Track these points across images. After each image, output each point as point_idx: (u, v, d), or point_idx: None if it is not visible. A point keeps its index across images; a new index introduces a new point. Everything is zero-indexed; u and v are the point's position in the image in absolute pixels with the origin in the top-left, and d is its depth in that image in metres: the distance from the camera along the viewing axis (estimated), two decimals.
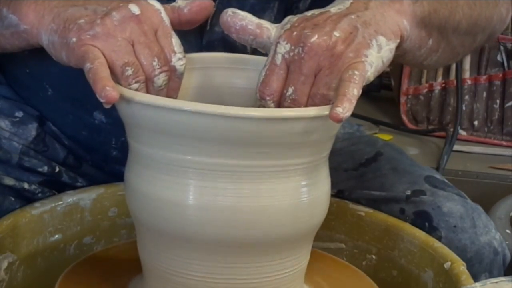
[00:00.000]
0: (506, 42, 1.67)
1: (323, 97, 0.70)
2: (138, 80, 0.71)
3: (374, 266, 0.90)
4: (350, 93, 0.69)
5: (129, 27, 0.71)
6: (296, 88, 0.70)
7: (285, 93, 0.71)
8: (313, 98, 0.71)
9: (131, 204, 0.74)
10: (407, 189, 0.92)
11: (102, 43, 0.71)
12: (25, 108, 0.92)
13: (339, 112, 0.67)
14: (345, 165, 0.98)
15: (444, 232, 0.88)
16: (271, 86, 0.71)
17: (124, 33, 0.71)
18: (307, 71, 0.70)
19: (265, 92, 0.71)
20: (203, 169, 0.69)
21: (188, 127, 0.67)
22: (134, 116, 0.70)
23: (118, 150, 0.91)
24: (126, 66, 0.70)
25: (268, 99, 0.71)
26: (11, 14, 0.78)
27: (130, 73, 0.70)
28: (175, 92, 0.74)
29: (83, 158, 0.95)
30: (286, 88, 0.71)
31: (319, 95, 0.70)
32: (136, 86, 0.71)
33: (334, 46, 0.70)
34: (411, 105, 1.71)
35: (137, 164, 0.72)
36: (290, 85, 0.71)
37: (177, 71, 0.73)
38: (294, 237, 0.73)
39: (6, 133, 0.89)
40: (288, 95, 0.71)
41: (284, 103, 0.71)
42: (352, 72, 0.70)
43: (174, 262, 0.72)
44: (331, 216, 0.89)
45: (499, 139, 1.68)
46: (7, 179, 0.88)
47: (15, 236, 0.82)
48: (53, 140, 0.93)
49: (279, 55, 0.71)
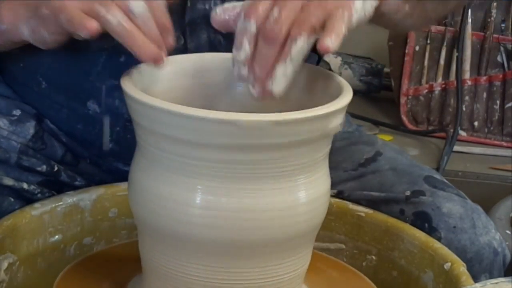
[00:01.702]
0: (506, 43, 1.67)
1: (310, 25, 0.69)
2: (113, 13, 0.71)
3: (374, 266, 0.90)
4: (339, 28, 0.70)
5: None
6: (281, 12, 0.69)
7: (269, 15, 0.70)
8: (300, 24, 0.69)
9: (135, 203, 0.74)
10: (407, 189, 0.92)
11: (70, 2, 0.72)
12: (22, 106, 0.92)
13: (328, 42, 0.68)
14: (345, 165, 0.98)
15: (444, 232, 0.89)
16: (256, 7, 0.70)
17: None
18: (295, 2, 0.70)
19: (249, 12, 0.70)
20: (210, 171, 0.69)
21: (197, 131, 0.67)
22: (144, 118, 0.70)
23: (114, 142, 0.91)
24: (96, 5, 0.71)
25: (252, 20, 0.70)
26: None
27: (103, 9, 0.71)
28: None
29: (81, 156, 0.95)
30: (272, 10, 0.70)
31: (308, 22, 0.69)
32: (115, 20, 0.71)
33: None
34: (411, 106, 1.71)
35: (144, 162, 0.72)
36: (276, 7, 0.70)
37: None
38: (295, 237, 0.73)
39: (4, 131, 0.89)
40: (272, 16, 0.69)
41: (266, 25, 0.70)
42: (342, 11, 0.70)
43: (175, 263, 0.72)
44: (331, 217, 0.90)
45: (499, 139, 1.68)
46: (6, 179, 0.88)
47: (15, 237, 0.82)
48: (51, 137, 0.93)
49: None
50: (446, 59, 1.69)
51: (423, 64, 1.70)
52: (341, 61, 1.82)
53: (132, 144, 0.80)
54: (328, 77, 0.77)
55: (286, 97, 0.79)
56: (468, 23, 1.67)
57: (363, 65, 1.82)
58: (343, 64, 1.82)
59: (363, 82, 1.82)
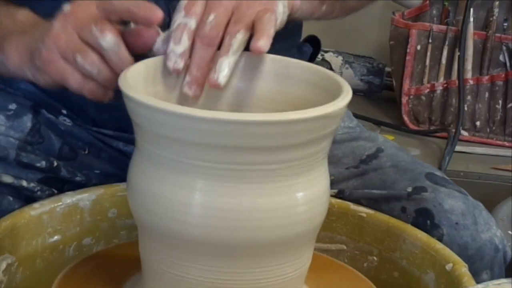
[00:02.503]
0: (508, 42, 1.67)
1: (245, 23, 0.75)
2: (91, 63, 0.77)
3: (375, 267, 0.90)
4: (269, 30, 0.75)
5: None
6: (217, 16, 0.75)
7: (205, 19, 0.75)
8: (236, 23, 0.75)
9: (135, 203, 0.74)
10: (408, 186, 0.92)
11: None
12: (18, 99, 0.93)
13: (262, 45, 0.74)
14: (346, 161, 0.99)
15: (446, 229, 0.89)
16: (196, 7, 0.76)
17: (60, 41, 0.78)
18: (227, 5, 0.76)
19: (190, 10, 0.75)
20: (209, 171, 0.69)
21: (195, 131, 0.67)
22: (142, 118, 0.70)
23: (109, 112, 0.93)
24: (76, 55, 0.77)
25: (193, 17, 0.75)
26: (1, 54, 0.85)
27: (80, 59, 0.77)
28: None
29: (78, 147, 0.95)
30: (207, 14, 0.75)
31: (242, 21, 0.75)
32: (95, 71, 0.77)
33: None
34: (412, 106, 1.71)
35: (143, 162, 0.72)
36: (211, 13, 0.75)
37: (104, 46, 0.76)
38: (294, 238, 0.73)
39: (1, 127, 0.90)
40: (209, 21, 0.75)
41: (204, 28, 0.75)
42: (269, 15, 0.76)
43: (175, 263, 0.72)
44: (332, 217, 0.90)
45: (501, 139, 1.68)
46: (5, 177, 0.88)
47: (14, 237, 0.82)
48: (48, 130, 0.93)
49: None
50: (448, 59, 1.70)
51: (425, 63, 1.70)
52: (342, 61, 1.82)
53: (119, 110, 0.79)
54: (327, 77, 0.77)
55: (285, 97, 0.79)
56: (470, 22, 1.67)
57: (364, 65, 1.82)
58: (344, 63, 1.82)
59: (364, 81, 1.82)
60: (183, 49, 0.75)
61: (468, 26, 1.67)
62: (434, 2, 1.71)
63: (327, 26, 1.77)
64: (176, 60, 0.75)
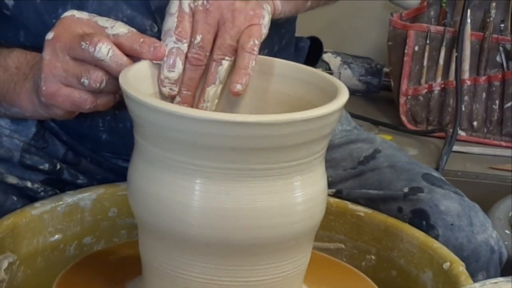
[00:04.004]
0: (505, 43, 1.68)
1: (230, 47, 0.77)
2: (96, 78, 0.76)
3: (373, 266, 0.90)
4: (250, 66, 0.76)
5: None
6: (203, 37, 0.76)
7: (193, 41, 0.76)
8: (220, 48, 0.77)
9: (135, 203, 0.74)
10: (405, 186, 0.92)
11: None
12: None
13: (239, 88, 0.75)
14: (344, 163, 0.99)
15: (442, 230, 0.89)
16: (186, 30, 0.76)
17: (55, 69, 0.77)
18: (212, 22, 0.76)
19: (181, 35, 0.76)
20: (208, 171, 0.69)
21: (194, 132, 0.68)
22: (144, 119, 0.71)
23: (107, 133, 0.92)
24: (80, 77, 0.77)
25: (184, 41, 0.76)
26: (12, 107, 0.85)
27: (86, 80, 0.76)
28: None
29: (82, 154, 0.95)
30: (194, 36, 0.76)
31: (226, 45, 0.77)
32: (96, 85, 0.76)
33: (234, 1, 0.77)
34: (410, 106, 1.72)
35: (143, 163, 0.73)
36: (198, 34, 0.77)
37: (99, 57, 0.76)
38: (293, 237, 0.73)
39: (6, 130, 0.90)
40: (196, 43, 0.76)
41: (192, 50, 0.77)
42: (253, 43, 0.76)
43: (175, 262, 0.73)
44: (331, 217, 0.90)
45: (498, 139, 1.68)
46: (10, 178, 0.88)
47: (15, 236, 0.83)
48: (52, 136, 0.94)
49: (185, 4, 0.77)
50: (445, 59, 1.70)
51: (423, 64, 1.70)
52: (340, 61, 1.82)
53: (124, 133, 0.80)
54: (324, 79, 0.78)
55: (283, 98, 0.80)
56: (467, 23, 1.67)
57: (362, 65, 1.82)
58: (343, 64, 1.82)
59: (362, 82, 1.82)
60: (177, 76, 0.76)
61: (465, 27, 1.67)
62: (431, 3, 1.71)
63: (325, 27, 1.78)
64: (171, 87, 0.76)
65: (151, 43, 0.76)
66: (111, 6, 0.80)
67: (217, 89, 0.78)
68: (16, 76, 0.83)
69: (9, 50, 0.85)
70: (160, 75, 0.76)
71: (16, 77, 0.83)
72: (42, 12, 0.84)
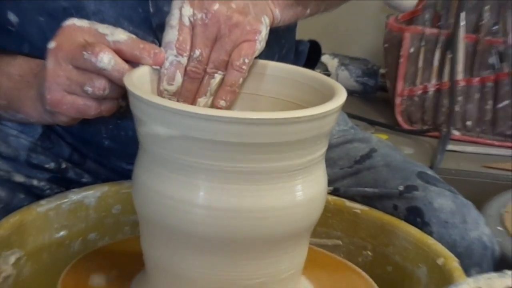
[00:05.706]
0: (498, 45, 1.68)
1: (224, 62, 0.78)
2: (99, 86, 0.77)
3: (369, 262, 0.91)
4: (237, 84, 0.78)
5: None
6: (201, 51, 0.77)
7: (192, 54, 0.77)
8: (214, 62, 0.78)
9: (138, 200, 0.74)
10: (400, 184, 0.93)
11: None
12: None
13: (222, 105, 0.78)
14: (341, 163, 0.99)
15: (436, 227, 0.90)
16: (187, 44, 0.77)
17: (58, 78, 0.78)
18: (210, 36, 0.77)
19: (182, 49, 0.77)
20: (212, 170, 0.69)
21: (197, 129, 0.68)
22: (146, 116, 0.71)
23: (110, 140, 0.92)
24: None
25: (184, 55, 0.77)
26: (18, 114, 0.85)
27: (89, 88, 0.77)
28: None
29: (87, 156, 0.96)
30: (193, 50, 0.77)
31: (220, 60, 0.77)
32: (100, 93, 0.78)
33: (232, 15, 0.77)
34: (406, 106, 1.72)
35: (148, 162, 0.73)
36: (197, 48, 0.77)
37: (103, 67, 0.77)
38: (293, 234, 0.74)
39: (13, 131, 0.91)
40: (195, 57, 0.77)
41: (191, 63, 0.77)
42: (242, 61, 0.77)
43: (177, 259, 0.73)
44: (329, 214, 0.91)
45: (491, 139, 1.68)
46: (17, 176, 0.89)
47: (22, 233, 0.83)
48: (58, 138, 0.94)
49: (185, 17, 0.77)
50: (439, 61, 1.69)
51: (418, 65, 1.70)
52: (338, 63, 1.83)
53: (126, 141, 0.80)
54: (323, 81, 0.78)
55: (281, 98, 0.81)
56: (461, 25, 1.68)
57: (359, 67, 1.83)
58: (340, 65, 1.83)
59: (359, 83, 1.83)
60: (175, 89, 0.78)
61: (459, 30, 1.67)
62: (426, 7, 1.72)
63: (323, 29, 1.78)
64: (170, 98, 0.78)
65: (151, 49, 0.76)
66: (113, 23, 0.81)
67: (207, 101, 0.79)
68: (20, 83, 0.84)
69: (12, 57, 0.85)
70: (160, 86, 0.77)
71: (20, 85, 0.84)
72: (45, 30, 0.84)
